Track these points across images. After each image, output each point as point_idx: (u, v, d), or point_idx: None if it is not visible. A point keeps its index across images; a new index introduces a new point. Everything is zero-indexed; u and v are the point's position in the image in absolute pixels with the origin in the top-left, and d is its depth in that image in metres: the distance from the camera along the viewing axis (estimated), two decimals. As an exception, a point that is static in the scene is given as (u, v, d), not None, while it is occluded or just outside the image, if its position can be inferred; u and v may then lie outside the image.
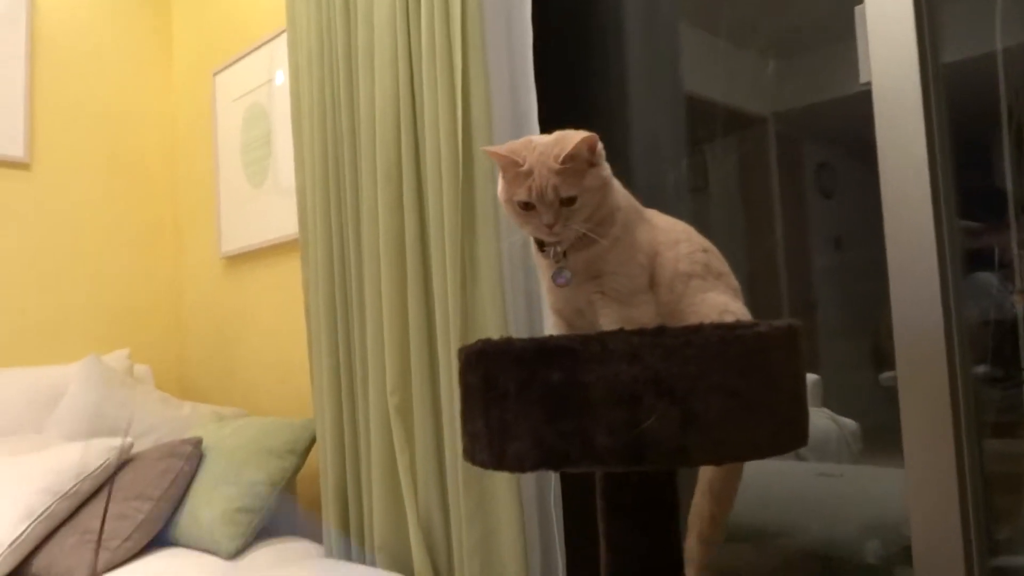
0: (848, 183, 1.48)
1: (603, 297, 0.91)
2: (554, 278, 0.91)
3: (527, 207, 0.89)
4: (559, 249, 0.91)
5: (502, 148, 0.91)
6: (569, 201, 0.87)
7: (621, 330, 0.72)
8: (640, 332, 0.69)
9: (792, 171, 1.54)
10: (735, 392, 0.69)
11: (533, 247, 0.95)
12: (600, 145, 0.90)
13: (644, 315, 0.92)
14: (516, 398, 0.72)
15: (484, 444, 0.76)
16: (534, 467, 0.72)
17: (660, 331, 0.70)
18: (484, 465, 0.77)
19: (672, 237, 0.96)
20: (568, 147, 0.86)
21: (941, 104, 1.13)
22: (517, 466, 0.73)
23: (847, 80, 1.19)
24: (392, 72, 1.61)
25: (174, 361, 2.72)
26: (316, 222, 1.81)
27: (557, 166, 0.86)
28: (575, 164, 0.87)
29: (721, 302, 0.94)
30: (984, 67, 1.19)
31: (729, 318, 0.89)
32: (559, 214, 0.87)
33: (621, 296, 0.91)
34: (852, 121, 1.18)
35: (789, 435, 0.74)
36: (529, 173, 0.88)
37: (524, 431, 0.72)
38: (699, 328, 0.70)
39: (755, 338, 0.71)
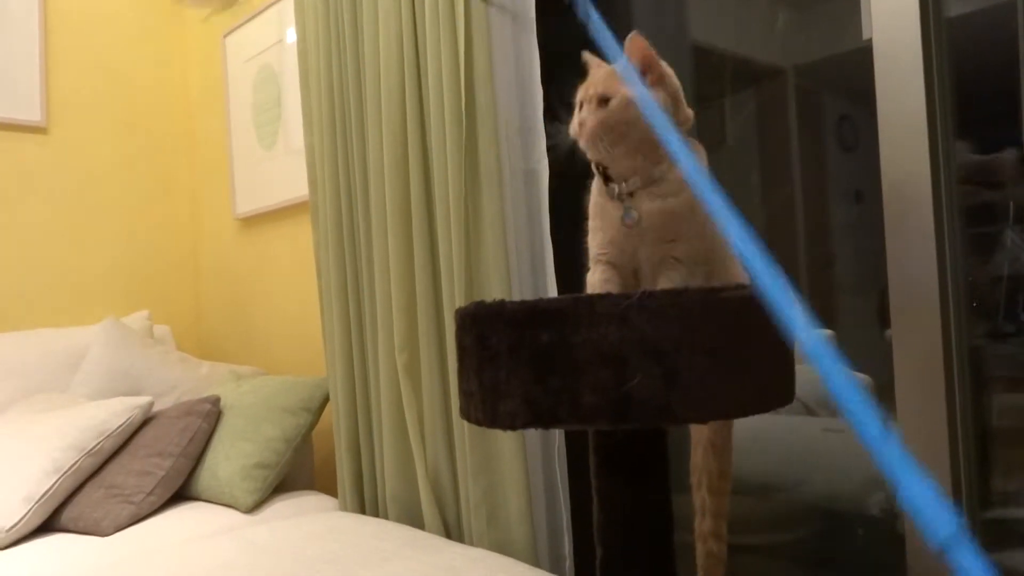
0: (870, 136, 1.47)
1: (676, 263, 0.88)
2: (623, 217, 0.87)
3: (580, 109, 0.89)
4: (624, 188, 0.87)
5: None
6: (603, 101, 0.86)
7: (609, 293, 0.74)
8: (627, 295, 0.71)
9: (812, 124, 1.53)
10: (718, 352, 0.71)
11: (595, 188, 0.92)
12: (665, 74, 0.88)
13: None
14: (507, 358, 0.75)
15: (478, 402, 0.79)
16: (524, 425, 0.75)
17: (647, 295, 0.72)
18: (479, 423, 0.80)
19: None
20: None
21: (943, 64, 1.12)
22: (508, 424, 0.76)
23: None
24: (396, 32, 1.61)
25: (192, 321, 2.78)
26: (325, 183, 1.83)
27: (614, 69, 0.86)
28: (624, 71, 0.86)
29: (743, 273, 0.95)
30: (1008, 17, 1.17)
31: None
32: (593, 114, 0.86)
33: (696, 266, 0.87)
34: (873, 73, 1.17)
35: (772, 394, 0.76)
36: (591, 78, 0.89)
37: (515, 390, 0.74)
38: (684, 291, 0.71)
39: (739, 300, 0.73)
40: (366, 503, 1.79)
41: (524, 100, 1.54)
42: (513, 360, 0.74)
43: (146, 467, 1.71)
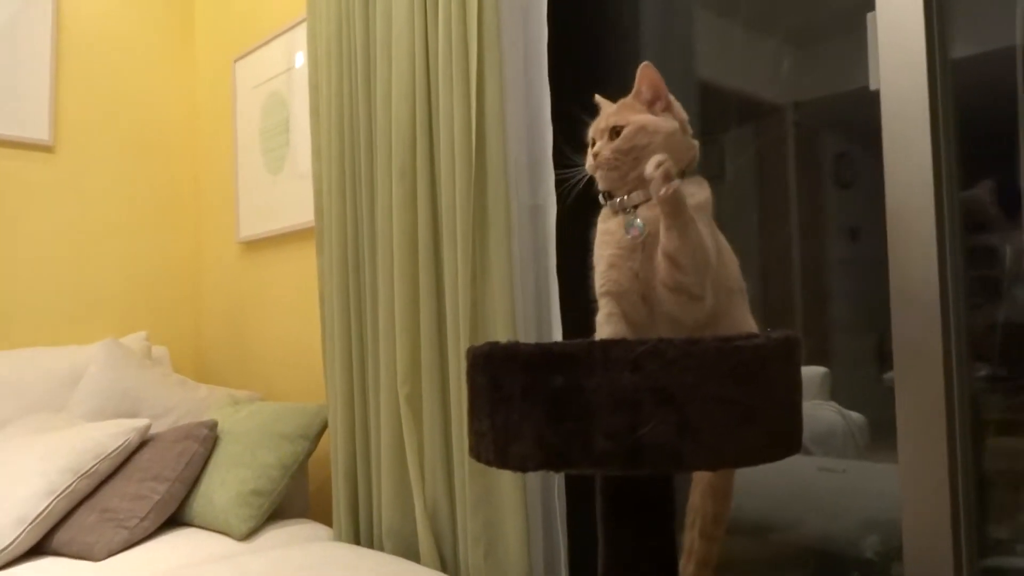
0: (866, 174, 1.48)
1: None
2: (627, 229, 0.88)
3: (594, 144, 0.93)
4: (627, 200, 0.89)
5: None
6: (616, 132, 0.89)
7: (624, 339, 0.75)
8: (643, 342, 0.72)
9: (809, 161, 1.55)
10: (731, 401, 0.72)
11: (600, 218, 0.94)
12: (673, 103, 0.92)
13: (706, 293, 0.86)
14: (521, 400, 0.75)
15: (489, 443, 0.79)
16: (536, 467, 0.75)
17: (662, 341, 0.72)
18: (489, 463, 0.80)
19: (725, 246, 0.95)
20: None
21: (949, 112, 1.14)
22: (520, 466, 0.76)
23: (867, 70, 1.20)
24: (408, 68, 1.63)
25: (191, 344, 2.77)
26: (332, 212, 1.84)
27: (625, 101, 0.91)
28: (635, 102, 0.91)
29: (753, 324, 0.95)
30: (1006, 59, 1.20)
31: None
32: (607, 145, 0.90)
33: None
34: (872, 111, 1.19)
35: (782, 443, 0.77)
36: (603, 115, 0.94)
37: (527, 432, 0.75)
38: (699, 340, 0.72)
39: (753, 350, 0.74)
40: (361, 534, 1.77)
41: (533, 136, 1.55)
42: (526, 402, 0.75)
43: (141, 491, 1.70)
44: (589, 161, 0.92)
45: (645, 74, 0.90)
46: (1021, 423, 1.20)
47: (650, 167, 0.81)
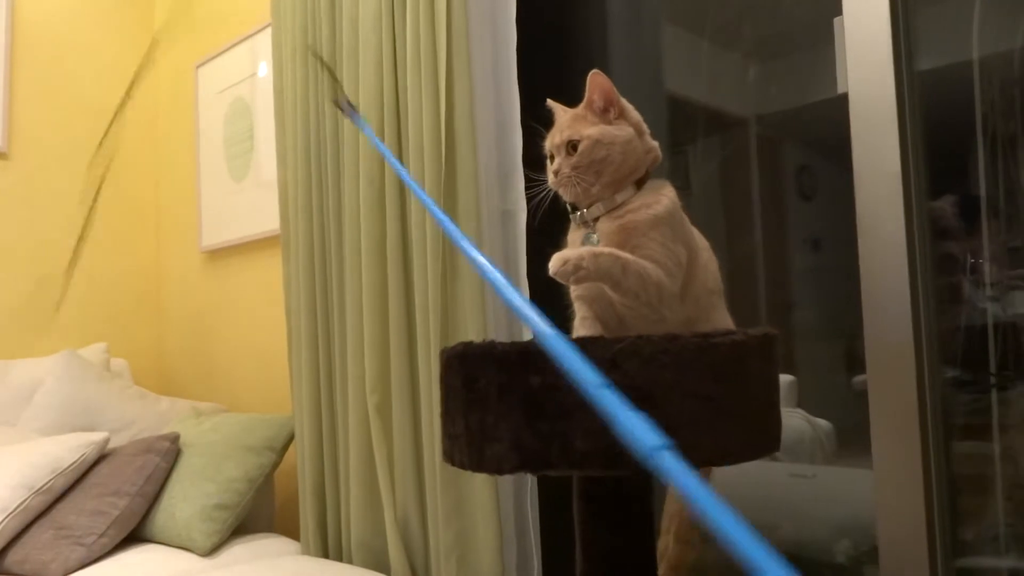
0: (828, 186, 1.50)
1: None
2: (583, 243, 0.88)
3: (552, 160, 0.91)
4: (587, 214, 0.89)
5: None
6: (573, 147, 0.88)
7: (601, 337, 0.74)
8: (620, 339, 0.71)
9: (773, 173, 1.57)
10: (710, 398, 0.71)
11: (570, 227, 0.94)
12: (625, 107, 0.91)
13: (673, 298, 0.85)
14: (496, 401, 0.73)
15: (464, 445, 0.77)
16: (513, 469, 0.73)
17: (640, 339, 0.71)
18: (463, 467, 0.78)
19: (703, 246, 0.94)
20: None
21: (916, 117, 1.15)
22: (495, 468, 0.74)
23: (829, 83, 1.21)
24: (376, 72, 1.61)
25: (153, 356, 2.70)
26: (298, 219, 1.81)
27: (577, 112, 0.90)
28: (587, 112, 0.89)
29: (731, 323, 0.95)
30: (963, 74, 1.22)
31: None
32: (565, 161, 0.89)
33: (659, 264, 0.84)
34: (833, 124, 1.20)
35: (761, 441, 0.76)
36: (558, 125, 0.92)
37: (504, 434, 0.73)
38: (677, 337, 0.71)
39: (731, 346, 0.73)
40: (329, 547, 1.73)
41: (503, 141, 1.54)
42: (502, 403, 0.73)
43: (100, 507, 1.64)
44: (550, 178, 0.91)
45: (596, 82, 0.89)
46: (985, 426, 1.21)
47: (551, 267, 0.81)
